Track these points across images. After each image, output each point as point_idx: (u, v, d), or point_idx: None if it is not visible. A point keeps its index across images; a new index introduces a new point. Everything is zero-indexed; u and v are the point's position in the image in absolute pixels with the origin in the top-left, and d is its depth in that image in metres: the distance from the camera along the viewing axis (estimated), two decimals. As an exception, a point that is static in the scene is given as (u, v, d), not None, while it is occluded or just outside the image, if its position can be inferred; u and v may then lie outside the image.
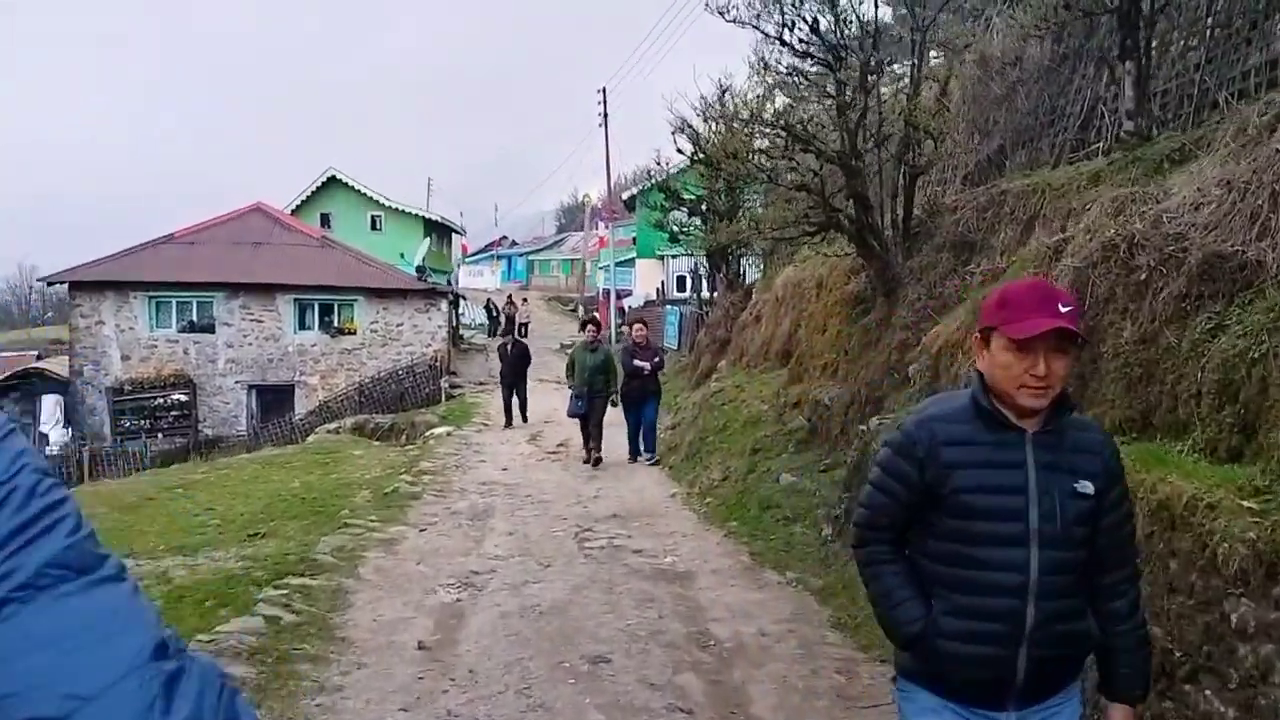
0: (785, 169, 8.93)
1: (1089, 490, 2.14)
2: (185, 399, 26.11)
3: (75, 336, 26.68)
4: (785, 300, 13.79)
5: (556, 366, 26.13)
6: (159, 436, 25.36)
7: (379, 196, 40.64)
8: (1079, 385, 5.02)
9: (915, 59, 8.71)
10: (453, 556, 7.73)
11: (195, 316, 27.09)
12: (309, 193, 40.31)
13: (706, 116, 13.72)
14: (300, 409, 26.42)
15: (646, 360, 12.44)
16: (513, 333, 24.43)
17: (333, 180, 40.36)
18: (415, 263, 33.48)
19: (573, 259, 61.98)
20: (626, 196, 38.01)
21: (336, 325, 27.55)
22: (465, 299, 39.82)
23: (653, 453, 12.54)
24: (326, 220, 39.11)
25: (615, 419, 12.60)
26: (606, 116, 36.18)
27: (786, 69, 9.24)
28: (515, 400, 17.09)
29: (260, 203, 31.11)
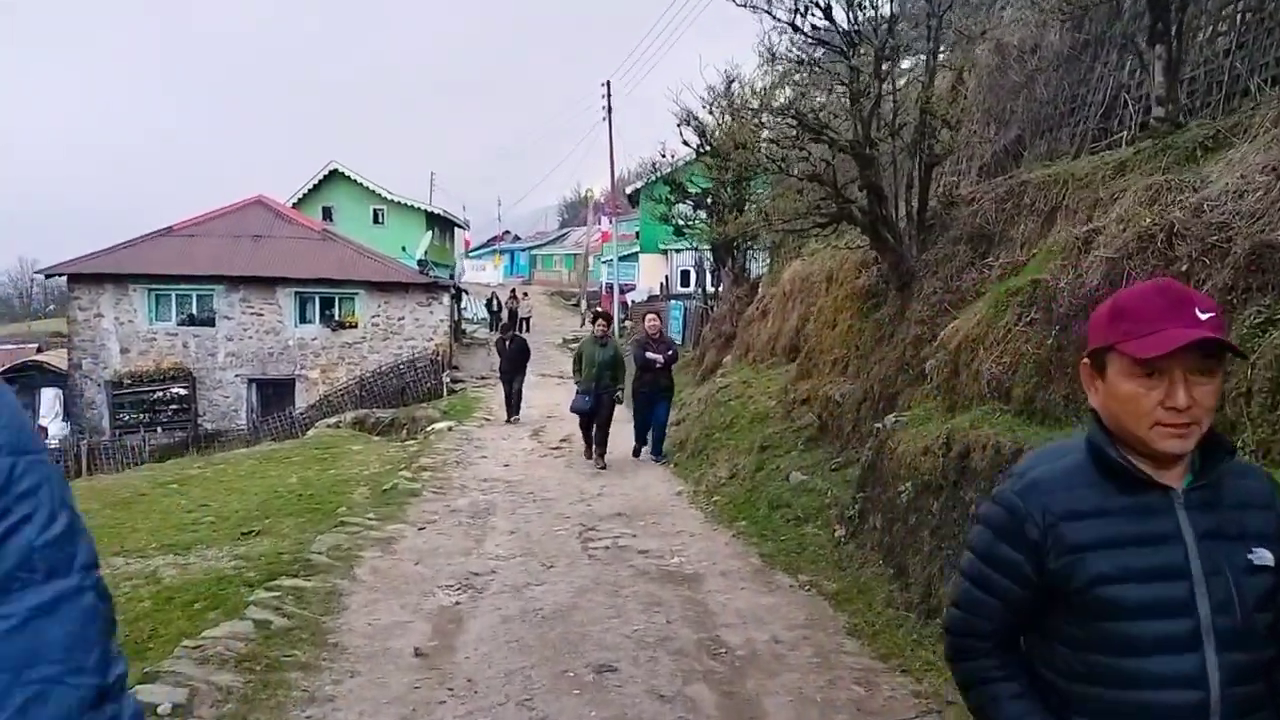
0: (796, 159, 8.66)
1: (1269, 561, 1.57)
2: (185, 392, 25.94)
3: (74, 329, 26.47)
4: (793, 295, 13.53)
5: (559, 361, 25.93)
6: (158, 430, 25.19)
7: (381, 190, 40.42)
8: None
9: (931, 44, 8.44)
10: (452, 556, 7.49)
11: (195, 309, 26.91)
12: (311, 186, 40.12)
13: (713, 107, 13.46)
14: (301, 403, 26.22)
15: (660, 353, 11.85)
16: (514, 327, 24.11)
17: (335, 174, 40.16)
18: (417, 256, 33.23)
19: (575, 254, 61.75)
20: (630, 191, 37.71)
21: (337, 319, 27.32)
22: (468, 293, 39.56)
23: (659, 453, 12.02)
24: (329, 214, 38.92)
25: (619, 414, 12.29)
26: (610, 110, 35.88)
27: (797, 57, 8.98)
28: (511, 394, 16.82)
29: (261, 195, 30.89)
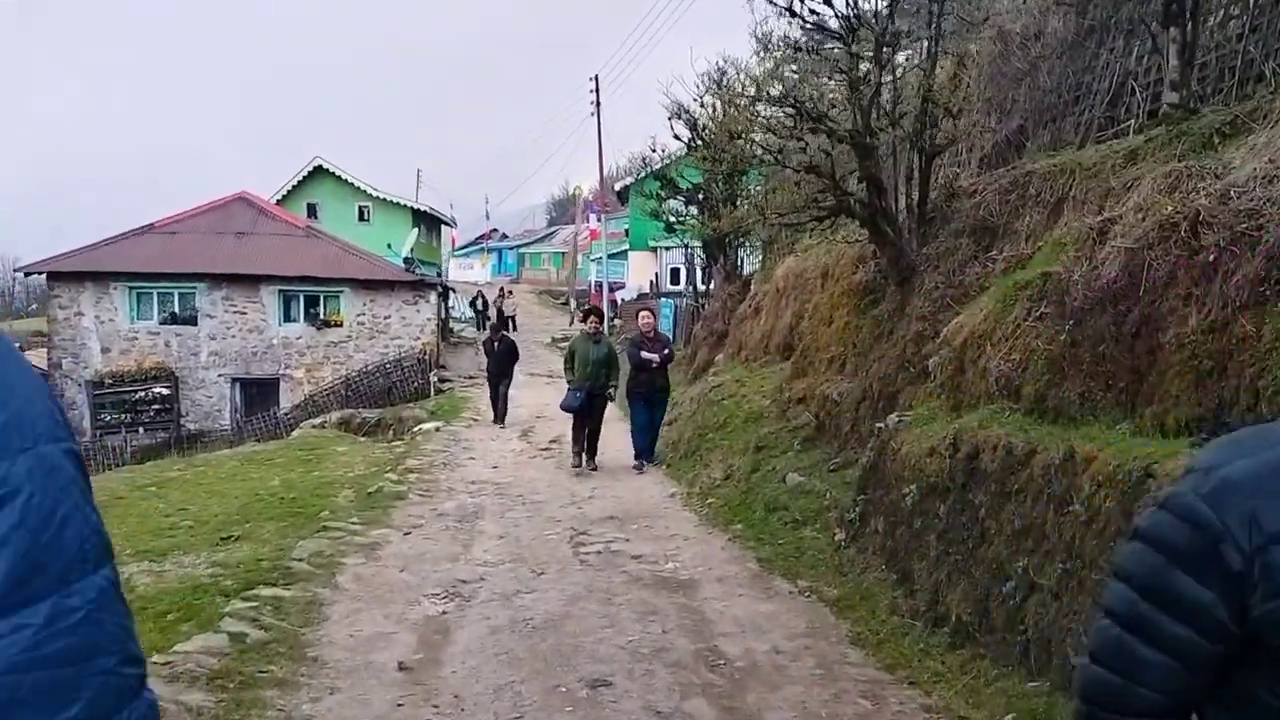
0: (794, 150, 8.40)
1: None
2: (167, 392, 25.52)
3: (54, 328, 26.02)
4: (786, 291, 13.28)
5: (548, 360, 25.64)
6: (140, 431, 24.78)
7: (366, 187, 40.00)
8: (1132, 380, 4.53)
9: (933, 30, 8.19)
10: (439, 563, 7.20)
11: (177, 308, 26.50)
12: (295, 183, 39.62)
13: (706, 96, 13.18)
14: (285, 403, 25.85)
15: (655, 352, 11.42)
16: (503, 327, 23.73)
17: (319, 170, 39.69)
18: (403, 253, 32.84)
19: (564, 252, 61.32)
20: (619, 187, 37.43)
21: (322, 317, 26.94)
22: (455, 291, 39.18)
23: (651, 455, 11.58)
24: (313, 211, 38.46)
25: (611, 414, 12.01)
26: (599, 105, 35.62)
27: (795, 44, 8.73)
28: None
29: (244, 192, 30.46)
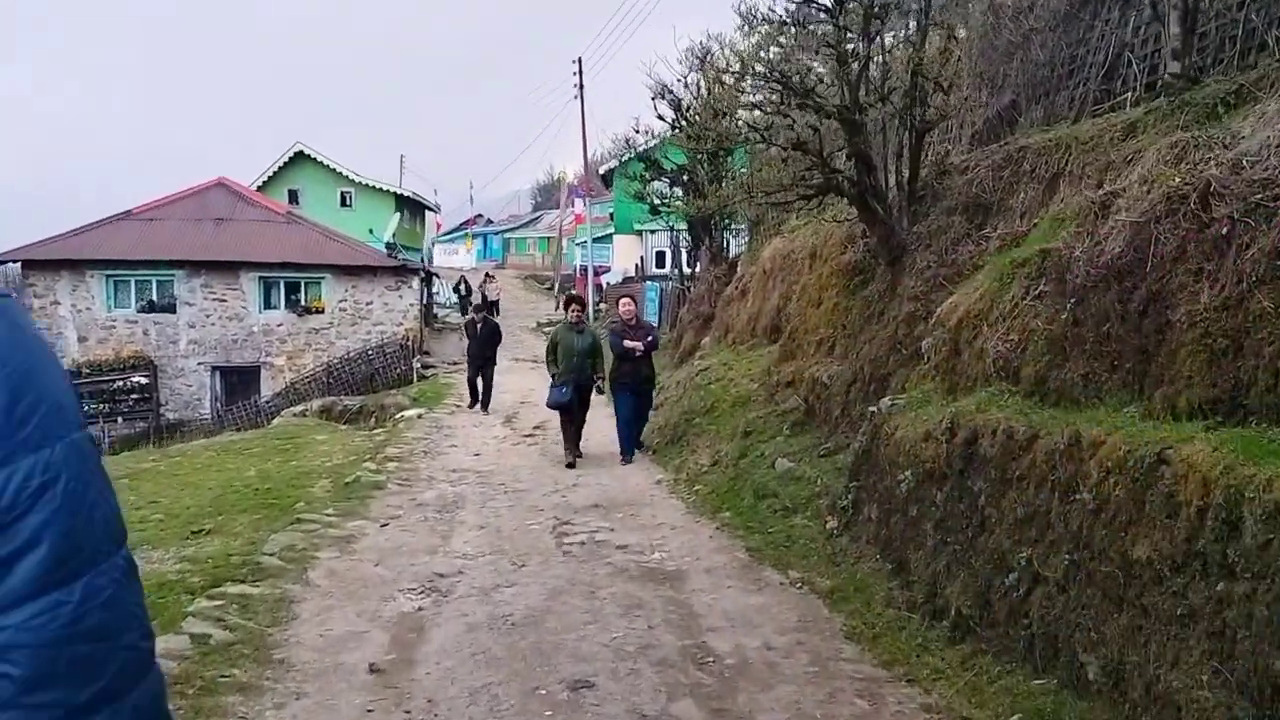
0: (781, 126, 8.14)
1: None
2: (146, 381, 25.08)
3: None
4: (774, 273, 13.03)
5: (533, 345, 25.33)
6: (119, 421, 24.35)
7: (349, 172, 39.47)
8: (1139, 360, 4.30)
9: (922, 3, 7.93)
10: (416, 555, 6.95)
11: (155, 296, 26.03)
12: (276, 168, 39.04)
13: (690, 72, 12.88)
14: (266, 391, 25.47)
15: (638, 340, 10.95)
16: (486, 309, 23.34)
17: (301, 155, 39.11)
18: (385, 238, 32.39)
19: (549, 236, 60.79)
20: (604, 171, 37.03)
21: (303, 304, 26.52)
22: (439, 277, 38.76)
23: (639, 446, 11.19)
24: (295, 197, 37.93)
25: (595, 399, 11.72)
26: (582, 88, 35.20)
27: (780, 18, 8.44)
28: (481, 383, 16.06)
29: (223, 178, 29.94)
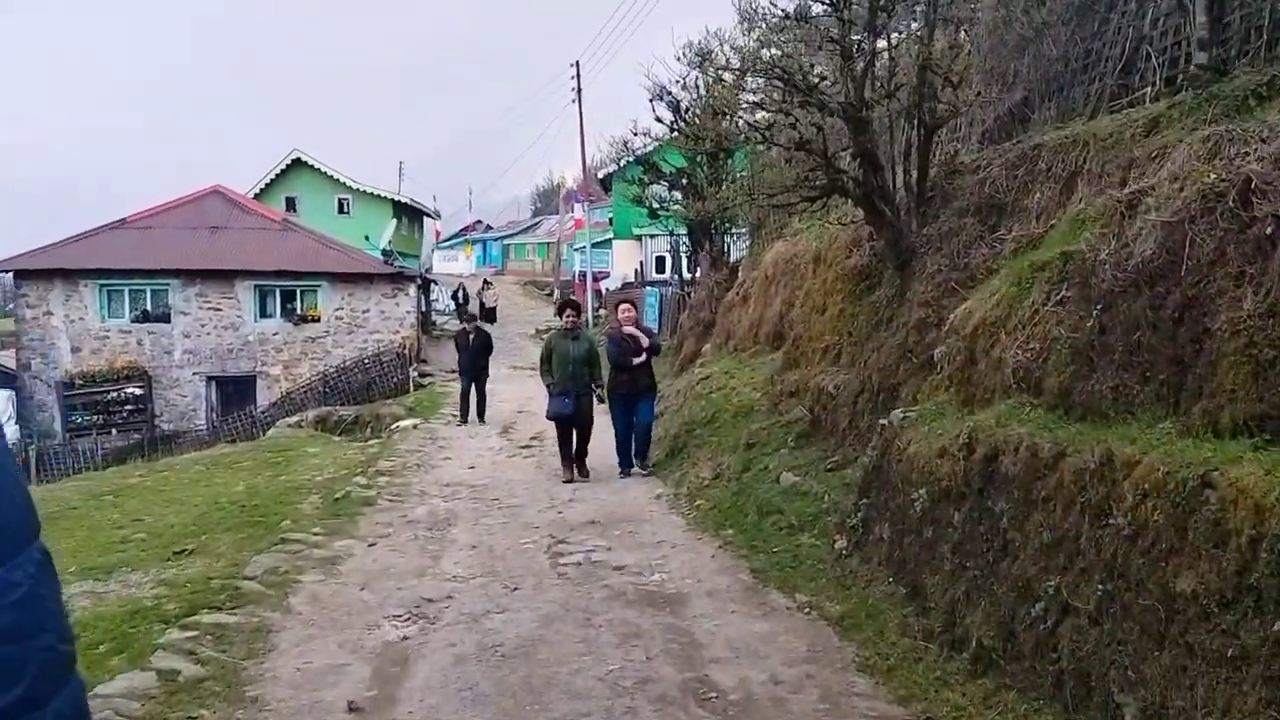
0: (783, 125, 7.82)
1: None
2: (140, 392, 24.78)
3: (22, 328, 25.23)
4: (776, 278, 12.71)
5: (532, 352, 24.99)
6: (113, 432, 24.05)
7: (346, 179, 39.22)
8: (1174, 372, 3.97)
9: (929, -3, 7.62)
10: (404, 578, 6.62)
11: (149, 305, 25.76)
12: (273, 176, 38.79)
13: (690, 71, 12.57)
14: (262, 401, 25.16)
15: (639, 350, 10.27)
16: (480, 318, 23.01)
17: (298, 163, 38.88)
18: (381, 245, 32.10)
19: (548, 242, 60.58)
20: (603, 175, 36.74)
21: (299, 312, 26.23)
22: (437, 284, 38.48)
23: (645, 461, 10.51)
24: (292, 204, 37.70)
25: (598, 411, 11.28)
26: (580, 92, 34.91)
27: (782, 13, 8.13)
28: (475, 395, 15.72)
29: (218, 185, 29.66)
